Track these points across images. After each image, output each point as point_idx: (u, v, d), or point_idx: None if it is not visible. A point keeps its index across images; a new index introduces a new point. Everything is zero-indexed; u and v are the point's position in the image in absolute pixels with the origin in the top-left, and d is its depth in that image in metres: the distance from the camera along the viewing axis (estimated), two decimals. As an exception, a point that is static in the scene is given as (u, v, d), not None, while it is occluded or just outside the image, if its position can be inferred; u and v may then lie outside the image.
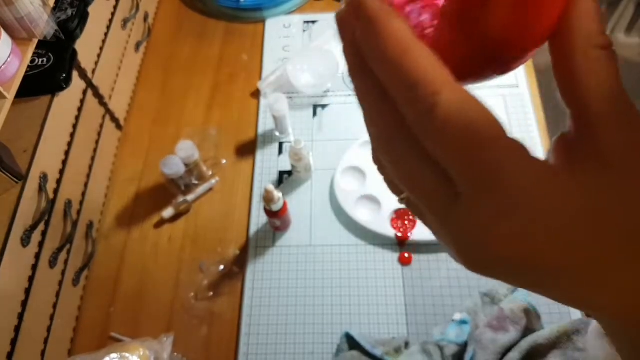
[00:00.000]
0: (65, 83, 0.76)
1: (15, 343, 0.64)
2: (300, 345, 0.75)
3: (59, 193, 0.75)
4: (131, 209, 0.90)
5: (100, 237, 0.87)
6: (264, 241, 0.84)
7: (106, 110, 0.91)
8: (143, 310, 0.81)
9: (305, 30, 1.08)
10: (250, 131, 0.96)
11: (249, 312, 0.78)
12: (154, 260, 0.85)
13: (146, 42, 1.08)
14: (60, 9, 0.81)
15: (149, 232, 0.88)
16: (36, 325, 0.69)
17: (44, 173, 0.72)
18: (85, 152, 0.85)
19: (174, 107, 1.01)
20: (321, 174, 0.90)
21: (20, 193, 0.67)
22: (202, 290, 0.81)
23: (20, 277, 0.66)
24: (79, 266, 0.81)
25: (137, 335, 0.78)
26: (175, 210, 0.88)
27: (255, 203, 0.88)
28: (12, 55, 0.65)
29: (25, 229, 0.67)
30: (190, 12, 1.15)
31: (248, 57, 1.07)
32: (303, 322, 0.77)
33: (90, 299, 0.82)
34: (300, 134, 0.95)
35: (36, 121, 0.73)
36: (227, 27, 1.12)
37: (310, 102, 0.98)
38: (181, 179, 0.86)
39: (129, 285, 0.83)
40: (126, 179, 0.93)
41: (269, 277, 0.81)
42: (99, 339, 0.79)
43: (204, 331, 0.78)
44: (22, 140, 0.71)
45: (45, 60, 0.77)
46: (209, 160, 0.94)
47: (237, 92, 1.02)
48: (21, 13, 0.66)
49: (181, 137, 0.96)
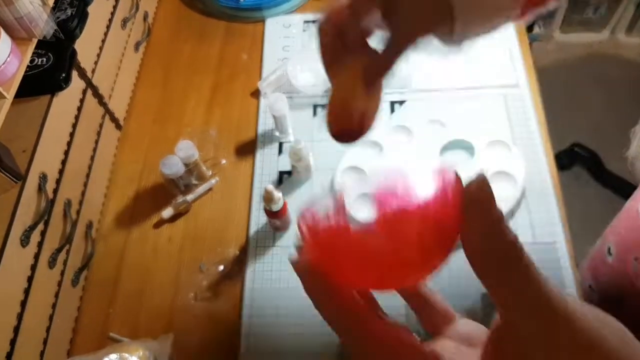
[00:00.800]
0: (65, 83, 0.76)
1: (14, 343, 0.64)
2: (299, 345, 0.75)
3: (59, 193, 0.75)
4: (131, 209, 0.90)
5: (99, 237, 0.87)
6: (263, 241, 0.84)
7: (106, 110, 0.91)
8: (142, 311, 0.80)
9: (305, 30, 1.08)
10: (250, 131, 0.96)
11: (248, 313, 0.78)
12: (154, 260, 0.85)
13: (146, 41, 1.08)
14: (60, 9, 0.80)
15: (149, 232, 0.87)
16: (35, 326, 0.69)
17: (44, 173, 0.72)
18: (84, 152, 0.84)
19: (173, 107, 1.01)
20: (321, 174, 0.90)
21: (19, 193, 0.67)
22: (201, 291, 0.81)
23: (19, 277, 0.66)
24: (78, 266, 0.81)
25: (136, 335, 0.78)
26: (174, 211, 0.87)
27: (255, 203, 0.88)
28: (11, 55, 0.65)
29: (24, 229, 0.67)
30: (190, 12, 1.15)
31: (248, 57, 1.07)
32: (302, 322, 0.77)
33: (90, 300, 0.82)
34: (300, 134, 0.94)
35: (35, 121, 0.73)
36: (227, 26, 1.11)
37: (310, 101, 0.98)
38: (181, 179, 0.86)
39: (128, 286, 0.83)
40: (126, 179, 0.93)
41: (268, 277, 0.81)
42: (98, 339, 0.79)
43: (204, 331, 0.78)
44: (21, 140, 0.71)
45: (45, 60, 0.77)
46: (209, 160, 0.94)
47: (237, 91, 1.02)
48: (20, 13, 0.66)
49: (181, 137, 0.96)
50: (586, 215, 1.73)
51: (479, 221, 0.22)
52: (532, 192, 0.84)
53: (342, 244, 0.25)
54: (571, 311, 0.22)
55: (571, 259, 0.77)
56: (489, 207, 0.22)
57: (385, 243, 0.24)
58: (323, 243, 0.25)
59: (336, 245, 0.25)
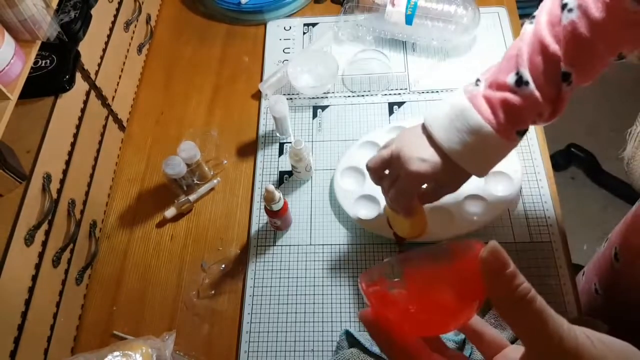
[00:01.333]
0: (69, 84, 0.77)
1: (18, 341, 0.64)
2: (300, 342, 0.76)
3: (62, 193, 0.76)
4: (134, 208, 0.91)
5: (103, 237, 0.88)
6: (264, 240, 0.85)
7: (109, 112, 0.92)
8: (145, 309, 0.81)
9: (306, 32, 1.09)
10: (251, 132, 0.97)
11: (249, 310, 0.79)
12: (156, 259, 0.86)
13: (148, 44, 1.09)
14: (63, 11, 0.81)
15: (152, 232, 0.88)
16: (39, 324, 0.70)
17: (48, 173, 0.72)
18: (88, 153, 0.85)
19: (176, 108, 1.02)
20: (321, 174, 0.91)
21: (23, 193, 0.67)
22: (203, 289, 0.82)
23: (23, 276, 0.67)
24: (82, 265, 0.82)
25: (139, 333, 0.79)
26: (177, 210, 0.88)
27: (256, 203, 0.89)
28: (15, 57, 0.65)
29: (28, 228, 0.68)
30: (191, 15, 1.16)
31: (249, 59, 1.08)
32: (303, 320, 0.78)
33: (93, 298, 0.83)
34: (301, 135, 0.96)
35: (39, 122, 0.73)
36: (228, 29, 1.13)
37: (311, 103, 0.99)
38: (183, 179, 0.87)
39: (131, 284, 0.84)
40: (129, 179, 0.94)
41: (269, 276, 0.82)
42: (101, 337, 0.80)
43: (206, 329, 0.79)
44: (25, 141, 0.72)
45: (49, 61, 0.77)
46: (211, 160, 0.95)
47: (238, 93, 1.03)
48: (24, 15, 0.66)
49: (183, 137, 0.97)
50: (582, 215, 1.74)
51: (493, 282, 0.28)
52: (528, 192, 0.85)
53: (391, 303, 0.32)
54: (581, 344, 0.27)
55: (567, 259, 0.78)
56: (500, 271, 0.27)
57: (423, 301, 0.31)
58: (378, 302, 0.32)
59: (387, 303, 0.32)
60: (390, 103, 0.97)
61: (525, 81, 0.55)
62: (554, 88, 0.55)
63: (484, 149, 0.59)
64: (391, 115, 0.96)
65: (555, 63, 0.54)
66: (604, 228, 1.66)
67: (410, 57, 1.03)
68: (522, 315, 0.27)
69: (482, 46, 1.02)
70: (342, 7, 1.07)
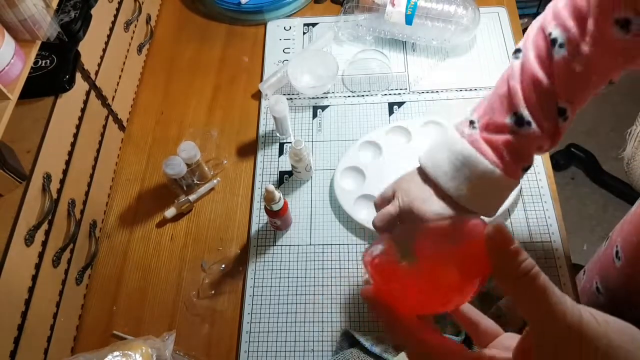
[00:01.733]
0: (69, 84, 0.77)
1: (18, 341, 0.64)
2: (300, 342, 0.76)
3: (63, 193, 0.76)
4: (134, 208, 0.91)
5: (103, 237, 0.88)
6: (264, 240, 0.85)
7: (109, 112, 0.92)
8: (145, 309, 0.81)
9: (306, 32, 1.09)
10: (251, 132, 0.97)
11: (249, 310, 0.79)
12: (156, 259, 0.86)
13: (148, 44, 1.09)
14: (63, 11, 0.81)
15: (152, 232, 0.89)
16: (39, 324, 0.70)
17: (48, 173, 0.72)
18: (88, 153, 0.85)
19: (176, 109, 1.02)
20: (321, 174, 0.91)
21: (23, 193, 0.68)
22: (203, 289, 0.82)
23: (23, 276, 0.67)
24: (82, 265, 0.82)
25: (139, 333, 0.79)
26: (177, 210, 0.88)
27: (256, 203, 0.89)
28: (15, 57, 0.65)
29: (28, 228, 0.68)
30: (191, 15, 1.16)
31: (249, 59, 1.08)
32: (303, 320, 0.78)
33: (93, 298, 0.83)
34: (301, 135, 0.96)
35: (40, 122, 0.73)
36: (228, 29, 1.13)
37: (311, 103, 0.99)
38: (183, 179, 0.87)
39: (131, 284, 0.84)
40: (129, 179, 0.94)
41: (269, 276, 0.82)
42: (101, 337, 0.80)
43: (206, 329, 0.79)
44: (25, 141, 0.72)
45: (49, 61, 0.77)
46: (211, 160, 0.95)
47: (238, 93, 1.03)
48: (24, 15, 0.66)
49: (183, 137, 0.97)
50: (582, 215, 1.74)
51: (498, 258, 0.28)
52: (528, 191, 0.85)
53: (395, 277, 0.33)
54: (585, 321, 0.27)
55: (567, 258, 0.78)
56: (505, 247, 0.28)
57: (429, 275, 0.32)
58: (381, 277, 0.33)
59: (391, 278, 0.33)
60: (390, 103, 0.97)
61: (527, 121, 0.56)
62: (552, 122, 0.57)
63: (494, 191, 0.60)
64: (391, 115, 0.96)
65: (551, 98, 0.55)
66: (604, 228, 1.66)
67: (410, 57, 1.03)
68: (525, 290, 0.27)
69: (482, 46, 1.02)
70: (342, 7, 1.07)
